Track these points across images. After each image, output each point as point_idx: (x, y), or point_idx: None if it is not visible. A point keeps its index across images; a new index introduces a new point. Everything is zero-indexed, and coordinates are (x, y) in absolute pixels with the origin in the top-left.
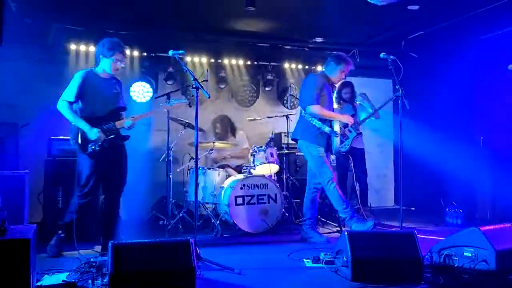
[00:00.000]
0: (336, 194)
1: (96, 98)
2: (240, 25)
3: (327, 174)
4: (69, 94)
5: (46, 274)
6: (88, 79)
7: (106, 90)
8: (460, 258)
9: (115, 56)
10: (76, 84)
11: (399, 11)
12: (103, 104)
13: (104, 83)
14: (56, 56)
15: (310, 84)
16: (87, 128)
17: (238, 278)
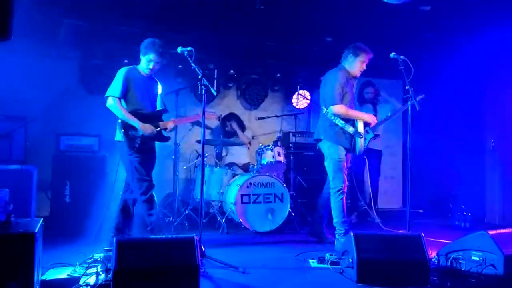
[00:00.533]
0: (340, 206)
1: (140, 95)
2: (249, 23)
3: (340, 182)
4: (114, 89)
5: (51, 268)
6: (131, 75)
7: (148, 89)
8: (467, 262)
9: (150, 56)
10: (120, 80)
11: (411, 12)
12: (147, 102)
13: (146, 81)
14: (65, 52)
15: (332, 82)
16: (137, 124)
17: (242, 277)
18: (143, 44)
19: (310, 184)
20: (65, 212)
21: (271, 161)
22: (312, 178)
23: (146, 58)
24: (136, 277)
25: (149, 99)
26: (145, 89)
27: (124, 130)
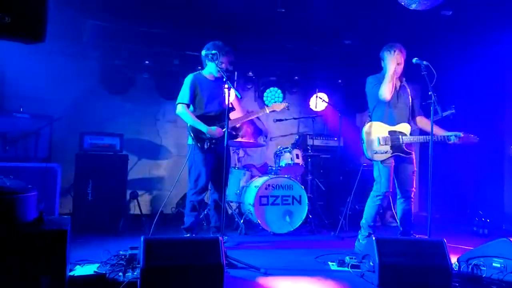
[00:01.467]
0: (375, 211)
1: (207, 99)
2: (269, 25)
3: (383, 188)
4: (183, 97)
5: (78, 264)
6: (197, 81)
7: (215, 91)
8: (488, 269)
9: (220, 59)
10: (188, 87)
11: (432, 16)
12: (214, 104)
13: (213, 84)
14: (89, 52)
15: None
16: (205, 129)
17: (264, 278)
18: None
19: (328, 187)
20: (88, 210)
21: (290, 163)
22: (329, 180)
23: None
24: (163, 275)
25: (217, 101)
26: (211, 92)
27: (193, 134)
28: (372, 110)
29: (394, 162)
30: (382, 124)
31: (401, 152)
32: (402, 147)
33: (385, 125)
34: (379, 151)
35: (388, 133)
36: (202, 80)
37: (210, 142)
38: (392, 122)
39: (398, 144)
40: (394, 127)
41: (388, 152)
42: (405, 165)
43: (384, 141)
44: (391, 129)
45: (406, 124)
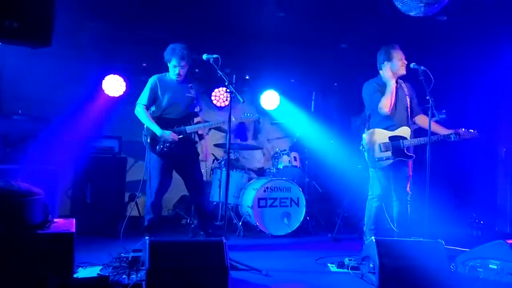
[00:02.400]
0: (373, 213)
1: (168, 101)
2: (267, 29)
3: (377, 191)
4: (143, 98)
5: (80, 267)
6: (160, 83)
7: (178, 94)
8: (485, 270)
9: (173, 62)
10: (149, 88)
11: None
12: (174, 107)
13: (177, 86)
14: (88, 55)
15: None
16: (159, 131)
17: (266, 280)
18: (165, 52)
19: (324, 189)
20: (86, 213)
21: (287, 165)
22: (326, 182)
23: (171, 65)
24: (168, 277)
25: (178, 103)
26: (174, 95)
27: (148, 135)
28: (369, 117)
29: (392, 166)
30: (382, 131)
31: (403, 156)
32: (403, 151)
33: (385, 131)
34: (381, 158)
35: (388, 138)
36: (166, 81)
37: (163, 145)
38: (392, 128)
39: (400, 149)
40: (394, 132)
41: (390, 158)
42: (402, 169)
43: (385, 148)
44: (391, 134)
45: (406, 127)
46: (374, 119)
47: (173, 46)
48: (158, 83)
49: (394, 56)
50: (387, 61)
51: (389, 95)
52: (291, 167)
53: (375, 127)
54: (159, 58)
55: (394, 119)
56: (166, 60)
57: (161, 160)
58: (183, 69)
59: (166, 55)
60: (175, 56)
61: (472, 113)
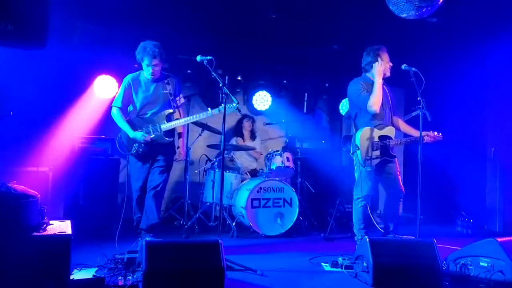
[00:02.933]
0: (360, 214)
1: (139, 100)
2: (260, 30)
3: (364, 191)
4: (117, 100)
5: (75, 268)
6: (133, 82)
7: (151, 92)
8: (475, 268)
9: (145, 61)
10: (122, 89)
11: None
12: (145, 105)
13: (151, 84)
14: (80, 56)
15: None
16: (131, 133)
17: (261, 280)
18: (137, 51)
19: (316, 189)
20: (79, 215)
21: (280, 166)
22: (318, 183)
23: (144, 64)
24: (165, 278)
25: (154, 101)
26: (149, 93)
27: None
28: (355, 116)
29: (379, 165)
30: (374, 129)
31: (388, 156)
32: (389, 151)
33: (376, 130)
34: (371, 157)
35: (378, 138)
36: (139, 80)
37: (138, 147)
38: (379, 126)
39: (386, 148)
40: (382, 131)
41: (378, 158)
42: (391, 166)
43: (376, 147)
44: (380, 133)
45: (391, 127)
46: (362, 118)
47: (144, 44)
48: (132, 83)
49: (383, 59)
50: (376, 63)
51: (378, 93)
52: (284, 167)
53: (363, 126)
54: None
55: (381, 118)
56: (138, 59)
57: (138, 161)
58: (156, 68)
59: (137, 54)
60: (147, 55)
61: (460, 114)
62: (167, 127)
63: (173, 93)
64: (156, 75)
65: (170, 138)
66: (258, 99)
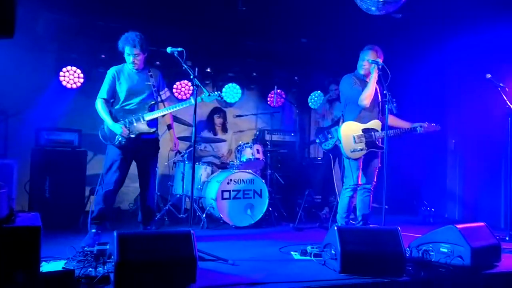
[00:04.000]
0: (346, 203)
1: (123, 91)
2: (229, 22)
3: (353, 181)
4: (102, 91)
5: (44, 261)
6: (118, 74)
7: (136, 83)
8: (436, 253)
9: (126, 51)
10: (107, 81)
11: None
12: (129, 96)
13: (135, 75)
14: (45, 46)
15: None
16: (111, 125)
17: (233, 269)
18: (119, 41)
19: (286, 181)
20: (45, 207)
21: (251, 158)
22: (287, 175)
23: (125, 54)
24: (137, 269)
25: (137, 92)
26: (133, 84)
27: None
28: (345, 108)
29: (365, 156)
30: (355, 123)
31: (375, 148)
32: (375, 143)
33: (359, 123)
34: (355, 149)
35: (361, 131)
36: (124, 72)
37: (121, 138)
38: (364, 120)
39: (372, 140)
40: (366, 124)
41: (363, 150)
42: (373, 160)
43: (359, 139)
44: (364, 127)
45: (377, 120)
46: (350, 112)
47: (126, 34)
48: (116, 74)
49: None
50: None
51: (371, 87)
52: (254, 159)
53: (350, 119)
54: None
55: (367, 113)
56: (120, 49)
57: (120, 154)
58: (137, 57)
59: (119, 44)
60: (128, 44)
61: (424, 108)
62: (150, 117)
63: (156, 85)
64: (138, 65)
65: (153, 128)
66: (228, 91)
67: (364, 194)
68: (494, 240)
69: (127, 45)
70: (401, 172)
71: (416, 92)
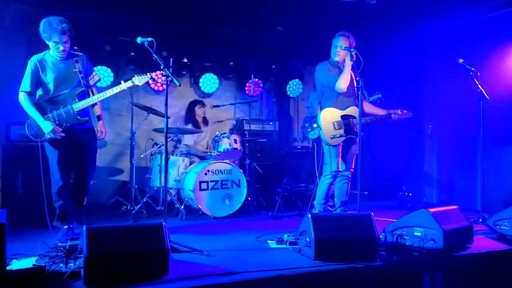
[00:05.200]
0: (325, 189)
1: (51, 81)
2: (203, 11)
3: (333, 168)
4: (25, 84)
5: (14, 258)
6: (40, 63)
7: (61, 71)
8: (411, 238)
9: (54, 39)
10: (29, 73)
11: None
12: (58, 86)
13: (60, 64)
14: (13, 38)
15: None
16: (41, 122)
17: (208, 259)
18: (40, 29)
19: (264, 170)
20: (18, 203)
21: (228, 148)
22: (266, 164)
23: (52, 42)
24: (107, 263)
25: (64, 81)
26: (59, 73)
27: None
28: (321, 95)
29: (344, 143)
30: (334, 110)
31: (353, 134)
32: (353, 130)
33: (337, 110)
34: (335, 136)
35: (340, 117)
36: (47, 61)
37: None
38: (342, 107)
39: (350, 127)
40: (345, 111)
41: (342, 136)
42: (351, 146)
43: (338, 126)
44: (343, 113)
45: (355, 107)
46: (327, 99)
47: (49, 21)
48: (39, 64)
49: (342, 43)
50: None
51: (346, 72)
52: (232, 149)
53: (327, 106)
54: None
55: (344, 99)
56: (45, 37)
57: (54, 148)
58: (66, 45)
59: (43, 33)
60: (55, 32)
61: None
62: (79, 107)
63: (83, 71)
64: (65, 52)
65: (85, 118)
66: (205, 81)
67: (342, 181)
68: (466, 222)
69: (56, 33)
70: (379, 158)
71: (393, 78)
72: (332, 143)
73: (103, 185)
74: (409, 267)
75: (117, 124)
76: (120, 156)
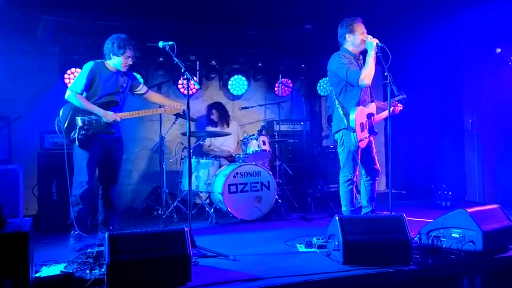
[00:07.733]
0: (350, 195)
1: (102, 89)
2: (230, 13)
3: (352, 171)
4: (77, 84)
5: (44, 265)
6: (98, 70)
7: (108, 83)
8: (448, 239)
9: (126, 54)
10: (85, 75)
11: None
12: (108, 97)
13: (110, 76)
14: (45, 49)
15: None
16: (100, 112)
17: (233, 265)
18: (114, 44)
19: (296, 171)
20: (53, 210)
21: (257, 150)
22: (297, 165)
23: (122, 56)
24: (129, 269)
25: (113, 94)
26: (108, 84)
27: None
28: (340, 92)
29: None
30: (363, 109)
31: (372, 133)
32: (373, 129)
33: (364, 108)
34: (363, 138)
35: (366, 116)
36: (103, 70)
37: (78, 132)
38: (364, 103)
39: (371, 126)
40: (368, 109)
41: (367, 138)
42: (371, 146)
43: (365, 127)
44: (367, 111)
45: (373, 103)
46: (348, 95)
47: (125, 37)
48: (97, 70)
49: (356, 29)
50: (349, 34)
51: (371, 65)
52: (261, 151)
53: (350, 102)
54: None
55: (365, 95)
56: (113, 50)
57: (81, 150)
58: (132, 61)
59: (117, 46)
60: (130, 47)
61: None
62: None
63: (127, 85)
64: (126, 68)
65: (112, 129)
66: (234, 83)
67: (370, 181)
68: (509, 222)
69: (129, 48)
70: (417, 155)
71: (429, 71)
72: (361, 146)
73: (137, 190)
74: (446, 271)
75: (148, 129)
76: (153, 161)
